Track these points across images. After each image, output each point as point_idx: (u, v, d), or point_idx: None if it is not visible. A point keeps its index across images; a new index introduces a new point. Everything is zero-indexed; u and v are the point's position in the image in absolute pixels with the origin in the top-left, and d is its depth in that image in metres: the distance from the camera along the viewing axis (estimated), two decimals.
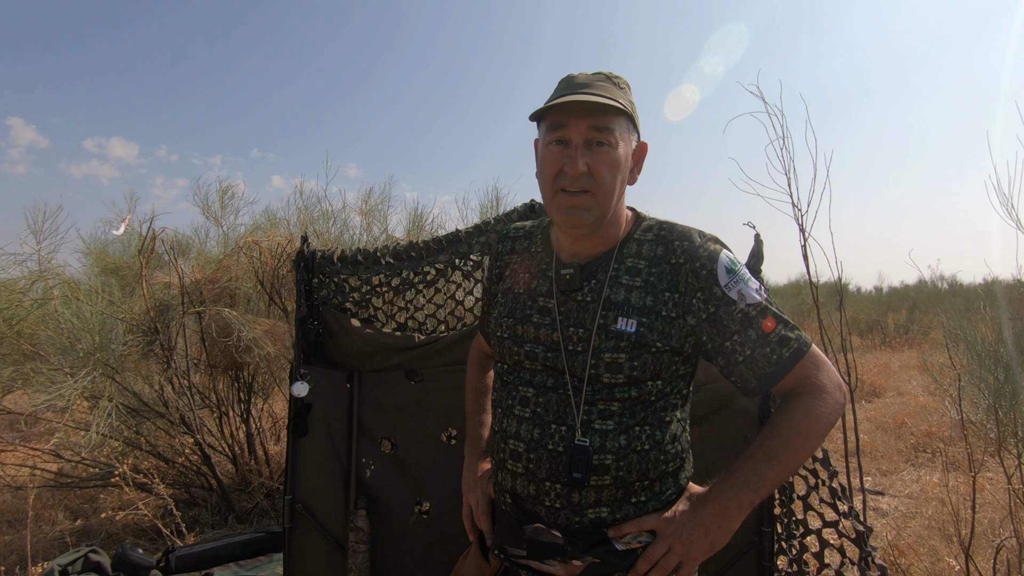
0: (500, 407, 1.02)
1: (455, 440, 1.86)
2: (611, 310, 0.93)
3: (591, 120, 0.91)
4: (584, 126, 0.91)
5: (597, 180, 0.91)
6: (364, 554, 1.79)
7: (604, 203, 0.93)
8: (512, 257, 1.12)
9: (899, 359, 7.90)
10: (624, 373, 0.91)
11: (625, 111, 0.92)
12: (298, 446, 1.77)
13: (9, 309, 2.97)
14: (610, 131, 0.91)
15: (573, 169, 0.90)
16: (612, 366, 0.91)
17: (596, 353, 0.91)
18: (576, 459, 0.89)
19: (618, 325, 0.91)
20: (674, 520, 0.91)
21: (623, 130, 0.93)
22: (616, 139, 0.92)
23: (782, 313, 0.94)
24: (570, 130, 0.92)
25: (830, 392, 0.91)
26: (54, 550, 2.87)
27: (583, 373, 0.92)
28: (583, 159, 0.90)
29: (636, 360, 0.90)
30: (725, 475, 0.91)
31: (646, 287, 0.94)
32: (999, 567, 2.22)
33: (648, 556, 0.90)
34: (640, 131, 0.99)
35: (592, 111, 0.91)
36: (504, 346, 1.02)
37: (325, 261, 1.85)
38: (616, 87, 0.95)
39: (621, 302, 0.93)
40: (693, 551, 0.88)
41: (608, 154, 0.91)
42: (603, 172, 0.91)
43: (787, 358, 0.91)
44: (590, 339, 0.92)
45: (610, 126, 0.91)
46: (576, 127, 0.91)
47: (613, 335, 0.91)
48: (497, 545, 1.02)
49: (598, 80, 0.95)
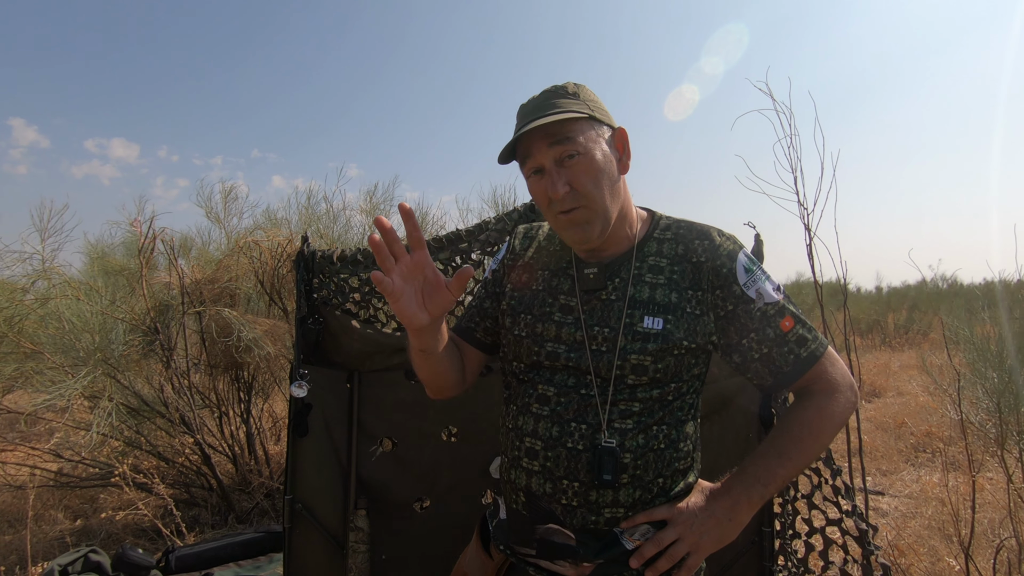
0: (515, 404, 1.01)
1: (455, 439, 1.86)
2: (637, 308, 0.93)
3: (549, 140, 0.91)
4: (546, 148, 0.91)
5: (582, 192, 0.91)
6: (364, 554, 1.79)
7: (599, 210, 0.93)
8: (527, 253, 1.11)
9: (899, 359, 7.89)
10: (648, 375, 0.91)
11: (580, 116, 0.90)
12: (298, 446, 1.77)
13: (10, 308, 2.98)
14: (573, 141, 0.90)
15: (555, 194, 0.91)
16: (638, 368, 0.91)
17: (622, 354, 0.91)
18: (605, 461, 0.89)
19: (644, 323, 0.92)
20: (686, 510, 0.92)
21: (588, 133, 0.92)
22: (583, 146, 0.91)
23: (800, 313, 0.95)
24: (536, 159, 0.93)
25: (843, 391, 0.93)
26: (54, 550, 2.87)
27: (608, 373, 0.92)
28: (560, 181, 0.91)
29: (660, 363, 0.91)
30: (737, 470, 0.92)
31: (669, 284, 0.94)
32: (999, 567, 2.22)
33: (657, 540, 0.90)
34: (611, 120, 0.98)
35: (549, 133, 0.91)
36: (522, 344, 1.00)
37: (325, 261, 1.85)
38: (566, 96, 0.94)
39: (646, 300, 0.94)
40: (703, 542, 0.89)
41: (581, 163, 0.91)
42: (584, 183, 0.91)
43: (804, 358, 0.92)
44: (616, 339, 0.92)
45: (570, 136, 0.90)
46: (541, 154, 0.92)
47: (640, 335, 0.91)
48: (503, 542, 1.02)
49: (546, 100, 0.94)
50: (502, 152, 0.96)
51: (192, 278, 3.45)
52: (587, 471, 0.91)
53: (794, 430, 0.91)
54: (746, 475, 0.90)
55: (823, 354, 0.93)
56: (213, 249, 4.43)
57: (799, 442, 0.90)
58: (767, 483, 0.89)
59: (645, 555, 0.90)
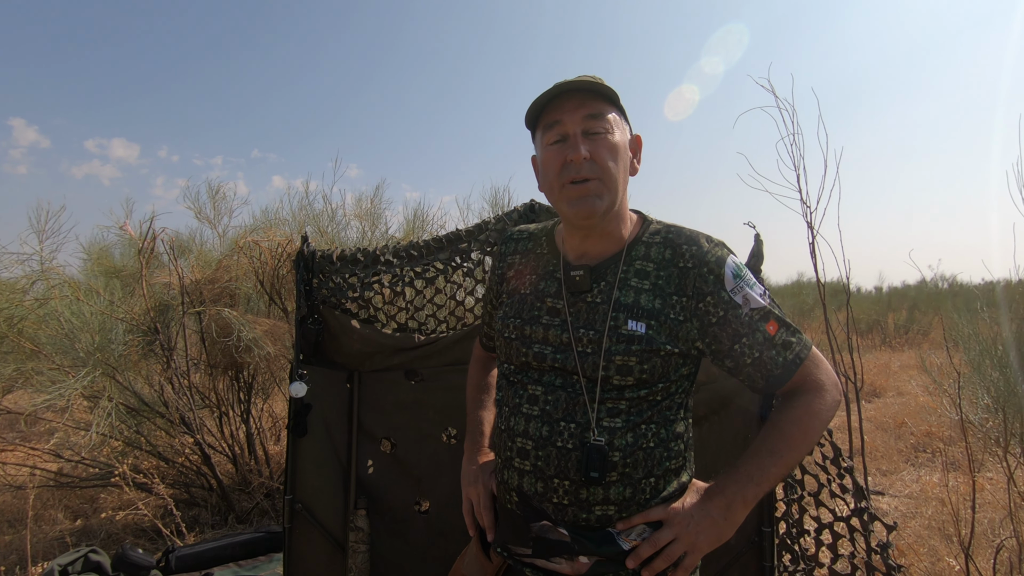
0: (507, 406, 1.02)
1: (455, 440, 1.86)
2: (621, 312, 0.94)
3: (585, 110, 0.94)
4: (579, 117, 0.94)
5: (601, 166, 0.94)
6: (364, 554, 1.79)
7: (612, 188, 0.95)
8: (516, 258, 1.12)
9: (899, 359, 7.89)
10: (634, 376, 0.92)
11: (615, 101, 0.97)
12: (298, 446, 1.77)
13: (10, 308, 2.98)
14: (604, 119, 0.95)
15: (576, 155, 0.92)
16: (623, 368, 0.92)
17: (607, 355, 0.92)
18: (592, 458, 0.90)
19: (629, 326, 0.93)
20: (682, 511, 0.92)
21: (617, 119, 0.97)
22: (611, 126, 0.95)
23: (784, 317, 0.97)
24: (566, 124, 0.95)
25: (828, 390, 0.95)
26: (54, 550, 2.87)
27: (594, 374, 0.93)
28: (584, 146, 0.93)
29: (646, 363, 0.92)
30: (730, 470, 0.93)
31: (655, 290, 0.95)
32: (999, 567, 2.22)
33: (653, 541, 0.90)
34: (631, 124, 1.03)
35: (584, 101, 0.94)
36: (512, 347, 1.02)
37: (325, 261, 1.85)
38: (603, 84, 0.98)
39: (631, 304, 0.94)
40: (699, 542, 0.90)
41: (606, 141, 0.94)
42: (605, 158, 0.94)
43: (791, 360, 0.94)
44: (601, 340, 0.93)
45: (604, 114, 0.95)
46: (571, 119, 0.94)
47: (624, 337, 0.92)
48: (500, 543, 1.02)
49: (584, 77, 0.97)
50: (531, 108, 0.98)
51: (192, 278, 3.45)
52: (577, 469, 0.92)
53: (784, 429, 0.92)
54: (739, 474, 0.91)
55: (808, 356, 0.95)
56: (206, 249, 4.43)
57: (790, 440, 0.92)
58: (760, 482, 0.90)
59: (641, 555, 0.90)
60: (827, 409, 0.93)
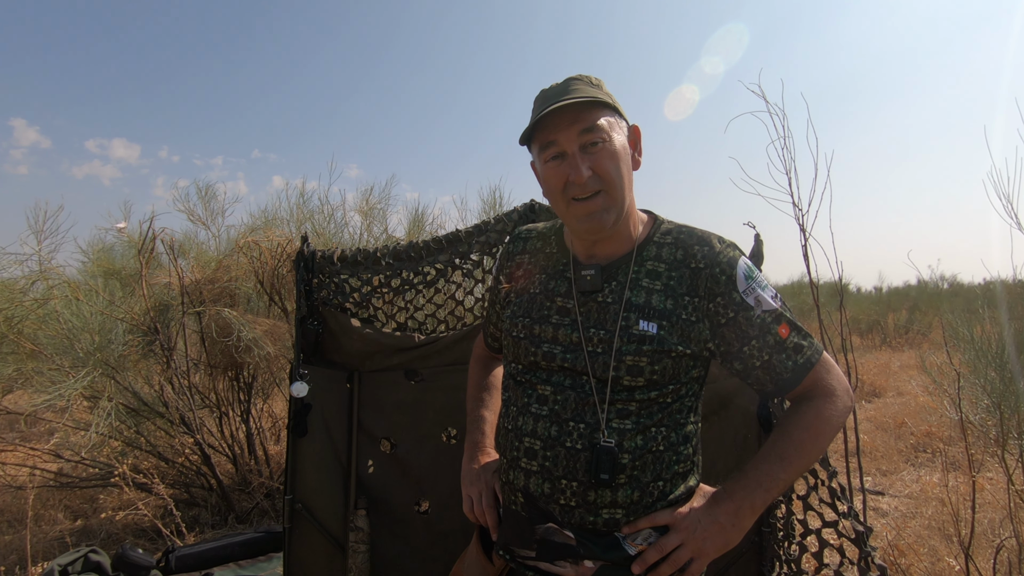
0: (515, 405, 1.01)
1: (455, 440, 1.86)
2: (632, 312, 0.93)
3: (578, 126, 0.91)
4: (573, 134, 0.91)
5: (604, 179, 0.92)
6: (364, 554, 1.79)
7: (619, 198, 0.93)
8: (524, 257, 1.11)
9: (899, 359, 7.89)
10: (644, 376, 0.91)
11: (606, 102, 0.92)
12: (298, 446, 1.77)
13: (10, 309, 2.98)
14: (599, 128, 0.91)
15: (578, 178, 0.90)
16: (633, 369, 0.91)
17: (618, 355, 0.91)
18: (603, 460, 0.89)
19: (640, 327, 0.92)
20: (689, 516, 0.91)
21: (612, 121, 0.94)
22: (608, 133, 0.92)
23: (796, 320, 0.95)
24: (561, 144, 0.92)
25: (839, 396, 0.93)
26: (54, 550, 2.87)
27: (604, 375, 0.92)
28: (584, 164, 0.91)
29: (657, 364, 0.91)
30: (738, 475, 0.92)
31: (666, 290, 0.94)
32: (999, 567, 2.22)
33: (660, 546, 0.89)
34: (626, 116, 0.99)
35: (576, 118, 0.91)
36: (520, 346, 1.01)
37: (325, 261, 1.85)
38: (589, 85, 0.95)
39: (642, 304, 0.93)
40: (706, 547, 0.89)
41: (605, 150, 0.92)
42: (608, 169, 0.92)
43: (802, 364, 0.93)
44: (612, 340, 0.92)
45: (598, 123, 0.91)
46: (566, 138, 0.92)
47: (635, 337, 0.91)
48: (503, 545, 1.01)
49: (570, 85, 0.95)
50: (524, 133, 0.96)
51: (191, 278, 3.45)
52: (585, 471, 0.90)
53: (794, 434, 0.91)
54: (748, 479, 0.90)
55: (819, 360, 0.94)
56: (203, 249, 4.44)
57: (800, 446, 0.90)
58: (769, 487, 0.89)
59: (648, 561, 0.89)
60: (838, 415, 0.92)
